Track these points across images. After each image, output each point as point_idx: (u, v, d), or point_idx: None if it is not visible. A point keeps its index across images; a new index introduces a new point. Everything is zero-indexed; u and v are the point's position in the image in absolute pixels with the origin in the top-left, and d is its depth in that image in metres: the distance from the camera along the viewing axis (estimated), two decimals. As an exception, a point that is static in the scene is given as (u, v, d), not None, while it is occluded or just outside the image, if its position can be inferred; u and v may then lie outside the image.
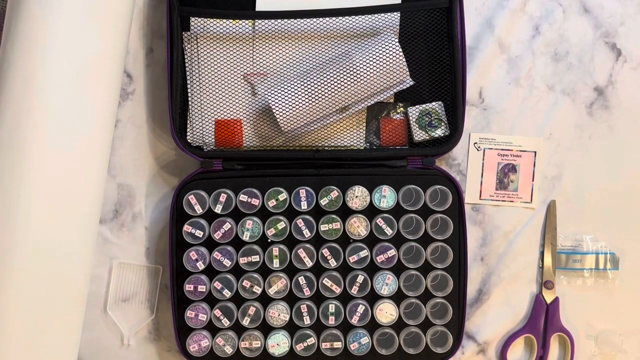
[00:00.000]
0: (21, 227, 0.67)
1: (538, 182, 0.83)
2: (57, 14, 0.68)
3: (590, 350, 0.82)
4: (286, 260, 0.77)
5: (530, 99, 0.84)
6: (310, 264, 0.77)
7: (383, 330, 0.78)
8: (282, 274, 0.78)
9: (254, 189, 0.77)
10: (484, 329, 0.83)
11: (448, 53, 0.79)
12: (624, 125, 0.84)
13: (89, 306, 0.80)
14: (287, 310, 0.78)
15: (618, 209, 0.83)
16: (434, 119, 0.80)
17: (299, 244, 0.78)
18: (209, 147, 0.80)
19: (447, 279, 0.78)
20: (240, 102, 0.81)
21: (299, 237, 0.77)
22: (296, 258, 0.78)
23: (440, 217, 0.78)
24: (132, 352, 0.83)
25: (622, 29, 0.84)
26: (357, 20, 0.79)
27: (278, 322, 0.77)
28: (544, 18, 0.84)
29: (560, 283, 0.83)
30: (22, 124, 0.67)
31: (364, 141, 0.81)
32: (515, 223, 0.83)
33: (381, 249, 0.77)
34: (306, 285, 0.78)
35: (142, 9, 0.83)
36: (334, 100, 0.77)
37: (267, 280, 0.77)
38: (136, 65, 0.84)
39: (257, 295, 0.77)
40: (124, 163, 0.83)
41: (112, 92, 0.75)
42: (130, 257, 0.83)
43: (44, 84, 0.68)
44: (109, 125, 0.75)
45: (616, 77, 0.84)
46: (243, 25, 0.79)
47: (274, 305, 0.77)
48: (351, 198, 0.77)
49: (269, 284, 0.78)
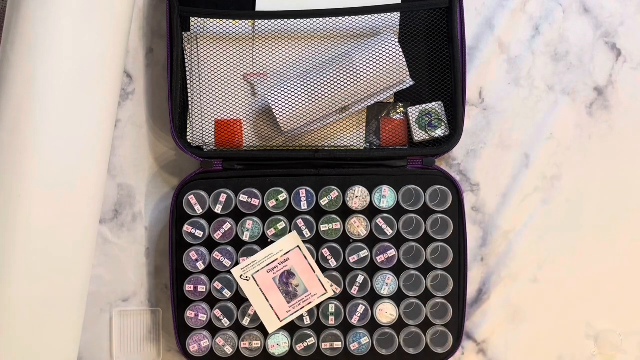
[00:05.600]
0: (21, 227, 0.67)
1: (532, 184, 0.83)
2: (57, 14, 0.68)
3: (590, 350, 0.82)
4: (286, 260, 0.78)
5: (530, 99, 0.84)
6: (310, 264, 0.77)
7: (383, 330, 0.78)
8: (282, 274, 0.78)
9: (254, 189, 0.78)
10: (484, 329, 0.83)
11: (448, 53, 0.79)
12: (624, 125, 0.84)
13: (89, 306, 0.80)
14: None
15: (618, 209, 0.83)
16: (434, 119, 0.80)
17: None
18: (209, 147, 0.80)
19: (447, 279, 0.78)
20: (240, 102, 0.81)
21: (299, 237, 0.77)
22: (296, 258, 0.78)
23: (440, 217, 0.78)
24: (132, 352, 0.83)
25: (622, 29, 0.84)
26: (357, 20, 0.79)
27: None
28: (544, 18, 0.84)
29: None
30: (22, 124, 0.67)
31: (364, 141, 0.81)
32: (515, 223, 0.83)
33: (381, 249, 0.77)
34: (306, 285, 0.78)
35: (142, 9, 0.84)
36: (334, 100, 0.77)
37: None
38: (136, 65, 0.84)
39: (257, 295, 0.77)
40: (124, 163, 0.83)
41: (112, 92, 0.75)
42: (131, 257, 0.83)
43: (44, 84, 0.68)
44: (109, 125, 0.75)
45: (616, 77, 0.84)
46: (243, 25, 0.79)
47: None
48: (351, 198, 0.77)
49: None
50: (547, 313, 0.83)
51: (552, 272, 0.83)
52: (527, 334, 0.83)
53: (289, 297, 0.74)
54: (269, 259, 0.75)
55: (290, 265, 0.75)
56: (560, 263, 0.83)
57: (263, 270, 0.74)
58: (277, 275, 0.75)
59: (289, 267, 0.75)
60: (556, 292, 0.83)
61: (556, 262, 0.83)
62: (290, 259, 0.75)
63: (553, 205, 0.83)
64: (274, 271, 0.75)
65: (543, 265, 0.83)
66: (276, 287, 0.74)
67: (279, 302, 0.75)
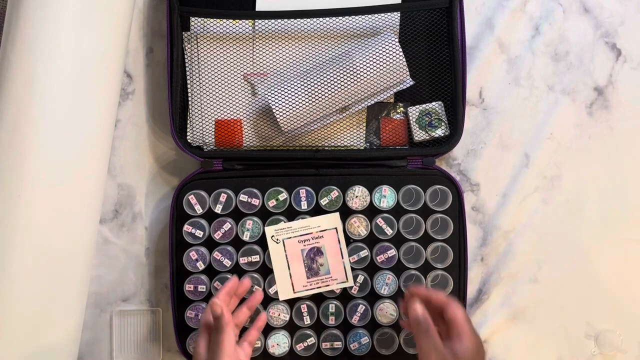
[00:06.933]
0: (21, 227, 0.67)
1: (532, 184, 0.83)
2: (57, 14, 0.68)
3: (590, 350, 0.82)
4: (286, 260, 0.77)
5: (530, 99, 0.84)
6: (310, 264, 0.78)
7: (383, 330, 0.78)
8: (282, 274, 0.78)
9: (254, 189, 0.78)
10: (484, 329, 0.82)
11: (448, 53, 0.79)
12: (624, 125, 0.84)
13: (89, 306, 0.81)
14: (287, 310, 0.78)
15: (618, 209, 0.83)
16: (434, 119, 0.80)
17: (299, 244, 0.78)
18: (209, 147, 0.80)
19: (447, 279, 0.78)
20: (240, 102, 0.81)
21: (299, 237, 0.78)
22: (296, 258, 0.78)
23: (440, 217, 0.78)
24: (132, 352, 0.83)
25: (622, 29, 0.84)
26: (357, 20, 0.79)
27: (278, 322, 0.77)
28: (544, 18, 0.84)
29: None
30: (22, 124, 0.67)
31: (364, 141, 0.81)
32: (515, 223, 0.83)
33: (381, 249, 0.77)
34: (306, 285, 0.78)
35: (142, 9, 0.84)
36: (334, 100, 0.77)
37: (267, 280, 0.77)
38: (136, 65, 0.84)
39: (257, 295, 0.77)
40: (124, 163, 0.83)
41: (112, 92, 0.75)
42: (131, 257, 0.83)
43: (44, 84, 0.68)
44: (109, 125, 0.76)
45: (616, 77, 0.84)
46: (243, 25, 0.80)
47: (274, 305, 0.77)
48: (351, 198, 0.77)
49: (269, 284, 0.77)
50: (547, 313, 0.83)
51: (552, 272, 0.83)
52: (527, 334, 0.83)
53: (310, 273, 0.75)
54: (304, 229, 0.75)
55: (322, 243, 0.75)
56: (560, 263, 0.83)
57: (295, 238, 0.75)
58: (307, 248, 0.75)
59: (320, 245, 0.75)
60: (556, 292, 0.83)
61: (556, 262, 0.83)
62: (324, 237, 0.75)
63: (553, 205, 0.83)
64: (305, 243, 0.75)
65: (543, 265, 0.83)
66: (301, 259, 0.75)
67: (299, 274, 0.75)
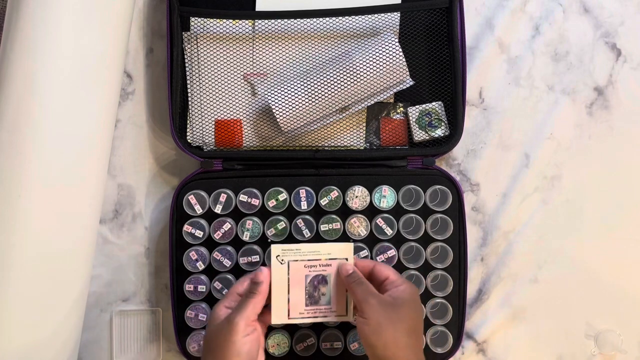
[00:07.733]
0: (21, 227, 0.67)
1: (532, 184, 0.83)
2: (57, 14, 0.68)
3: (590, 350, 0.82)
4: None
5: (530, 99, 0.84)
6: (310, 264, 0.77)
7: (383, 330, 0.78)
8: (282, 274, 0.78)
9: (254, 189, 0.77)
10: (484, 329, 0.83)
11: (448, 53, 0.79)
12: (624, 125, 0.84)
13: (89, 306, 0.81)
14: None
15: (618, 209, 0.83)
16: (434, 119, 0.80)
17: (299, 244, 0.77)
18: (209, 147, 0.80)
19: (447, 279, 0.78)
20: (240, 102, 0.81)
21: (299, 237, 0.77)
22: (296, 258, 0.77)
23: (440, 217, 0.78)
24: (132, 352, 0.83)
25: (622, 29, 0.84)
26: (357, 20, 0.79)
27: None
28: (544, 18, 0.84)
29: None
30: (22, 124, 0.67)
31: (364, 141, 0.81)
32: (515, 223, 0.83)
33: (381, 249, 0.77)
34: (306, 285, 0.78)
35: (142, 9, 0.84)
36: (334, 100, 0.77)
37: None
38: (136, 65, 0.84)
39: (257, 295, 0.77)
40: (124, 163, 0.83)
41: (112, 92, 0.75)
42: (131, 257, 0.83)
43: (44, 83, 0.68)
44: (109, 125, 0.75)
45: (616, 77, 0.84)
46: (243, 25, 0.80)
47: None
48: (351, 198, 0.77)
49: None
50: (547, 313, 0.83)
51: (552, 272, 0.83)
52: (527, 334, 0.83)
53: (310, 300, 0.70)
54: (313, 254, 0.70)
55: (329, 271, 0.70)
56: (560, 263, 0.83)
57: (302, 262, 0.69)
58: (312, 274, 0.70)
59: (327, 273, 0.70)
60: (556, 292, 0.83)
61: (556, 262, 0.83)
62: (332, 267, 0.70)
63: (553, 205, 0.83)
64: (311, 269, 0.70)
65: (543, 265, 0.83)
66: (303, 285, 0.69)
67: (298, 300, 0.70)
